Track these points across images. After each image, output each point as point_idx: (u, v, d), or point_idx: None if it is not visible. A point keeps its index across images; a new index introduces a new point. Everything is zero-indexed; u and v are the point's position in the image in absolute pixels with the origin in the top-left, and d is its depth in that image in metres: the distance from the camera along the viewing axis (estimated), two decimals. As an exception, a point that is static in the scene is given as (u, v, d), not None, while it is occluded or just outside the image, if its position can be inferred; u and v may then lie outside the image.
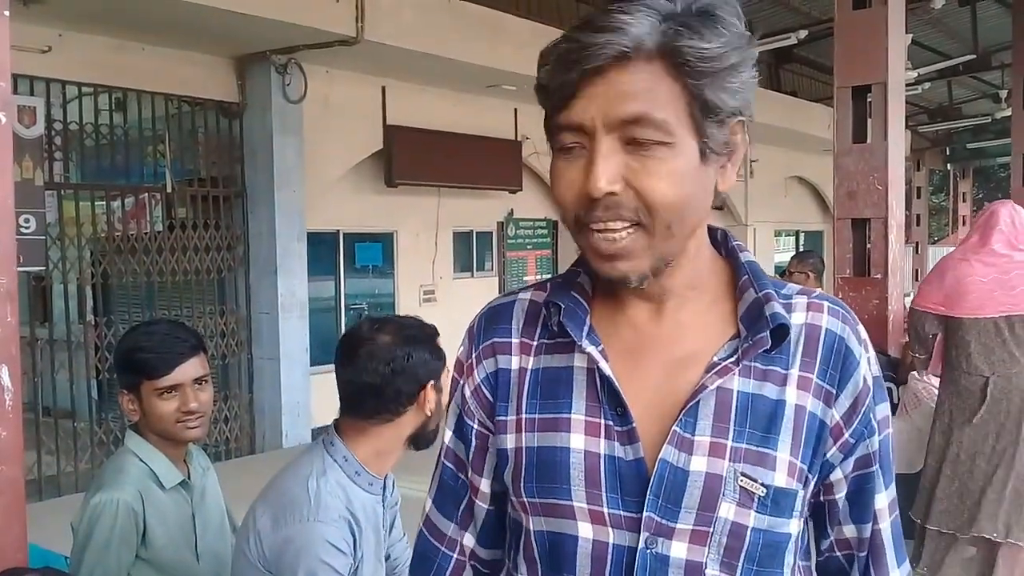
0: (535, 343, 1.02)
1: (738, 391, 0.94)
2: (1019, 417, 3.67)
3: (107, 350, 6.59)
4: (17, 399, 1.39)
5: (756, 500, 0.92)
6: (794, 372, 0.95)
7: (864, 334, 1.00)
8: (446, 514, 1.12)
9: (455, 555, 1.11)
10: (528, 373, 1.01)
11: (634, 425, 0.94)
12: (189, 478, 2.06)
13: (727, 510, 0.92)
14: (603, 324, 0.99)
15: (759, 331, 0.93)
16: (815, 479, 0.97)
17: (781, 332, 0.94)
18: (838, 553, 1.04)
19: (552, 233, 10.96)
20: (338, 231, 8.61)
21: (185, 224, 7.10)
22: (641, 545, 0.93)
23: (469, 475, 1.09)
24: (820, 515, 1.03)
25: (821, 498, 1.01)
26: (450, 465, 1.11)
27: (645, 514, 0.92)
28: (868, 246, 4.62)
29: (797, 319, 0.97)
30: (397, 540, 1.99)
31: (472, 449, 1.08)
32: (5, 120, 1.38)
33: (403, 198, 8.77)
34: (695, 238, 0.95)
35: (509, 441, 1.01)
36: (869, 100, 4.61)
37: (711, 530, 0.92)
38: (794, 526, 0.95)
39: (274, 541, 1.65)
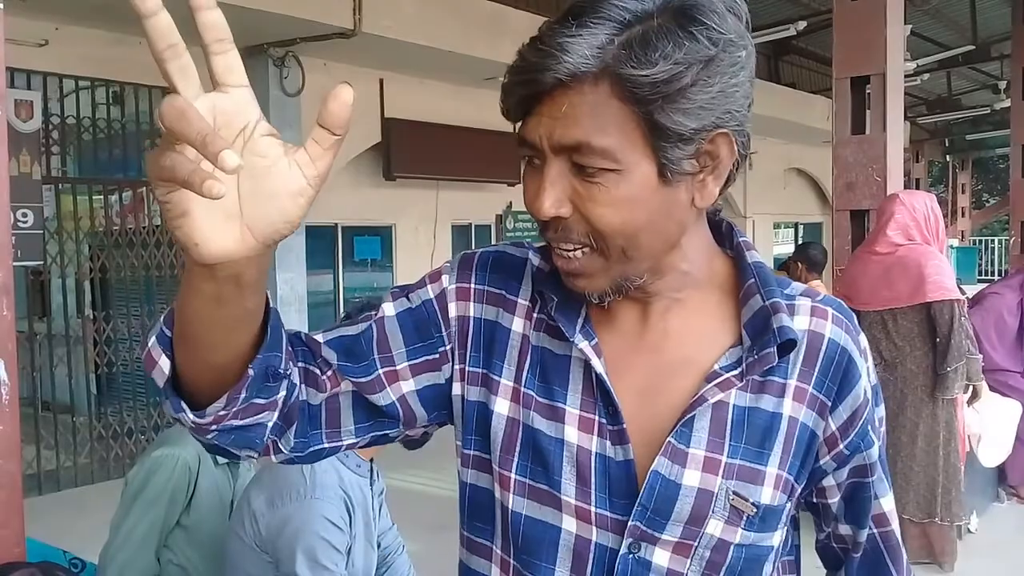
0: (536, 316, 0.96)
1: (735, 404, 0.90)
2: (901, 402, 4.03)
3: (106, 344, 6.59)
4: (14, 393, 1.38)
5: (745, 518, 0.90)
6: (792, 383, 0.92)
7: (864, 343, 0.97)
8: (345, 366, 0.94)
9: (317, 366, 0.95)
10: (530, 345, 0.96)
11: (624, 426, 0.91)
12: (238, 463, 2.14)
13: (715, 527, 0.90)
14: (597, 317, 0.95)
15: (765, 346, 0.88)
16: (801, 487, 0.96)
17: (788, 347, 0.89)
18: (835, 545, 1.05)
19: (551, 226, 10.94)
20: (336, 224, 8.60)
21: (184, 218, 7.06)
22: (624, 550, 0.91)
23: (397, 367, 0.96)
24: (816, 512, 1.04)
25: (815, 500, 1.01)
26: (376, 339, 0.96)
27: (631, 522, 0.90)
28: (866, 237, 4.63)
29: (800, 324, 0.92)
30: (387, 528, 2.01)
31: (423, 358, 0.97)
32: (1, 113, 1.37)
33: (401, 191, 8.75)
34: (676, 250, 0.89)
35: (501, 406, 0.96)
36: (868, 91, 4.62)
37: (695, 544, 0.90)
38: (777, 538, 0.94)
39: (271, 520, 1.66)
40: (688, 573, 0.91)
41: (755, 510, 0.90)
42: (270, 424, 0.87)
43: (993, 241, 22.45)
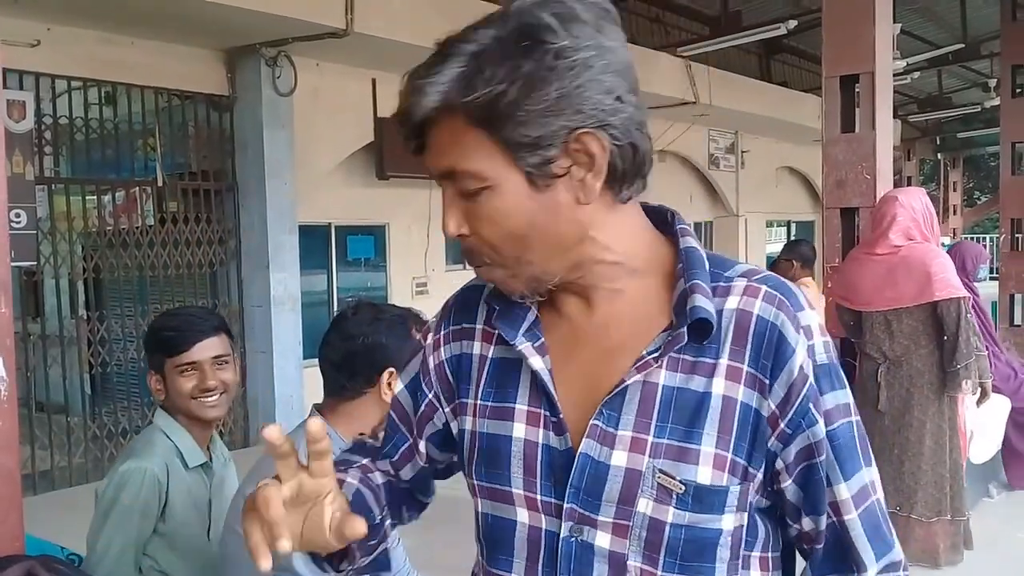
0: (496, 332, 1.04)
1: (664, 385, 0.94)
2: (907, 401, 4.05)
3: (100, 345, 6.60)
4: (13, 390, 1.40)
5: (674, 497, 0.92)
6: (723, 362, 0.93)
7: (808, 320, 0.94)
8: (387, 453, 1.17)
9: (379, 472, 1.17)
10: (488, 361, 1.05)
11: (561, 416, 0.97)
12: (211, 463, 2.13)
13: (645, 505, 0.92)
14: (546, 317, 1.02)
15: (680, 326, 0.93)
16: (760, 471, 0.94)
17: (703, 326, 0.92)
18: (803, 544, 1.01)
19: (544, 225, 10.95)
20: (330, 224, 8.61)
21: (177, 218, 7.08)
22: (565, 533, 0.96)
23: (413, 435, 1.15)
24: (780, 506, 0.99)
25: (772, 487, 0.97)
26: (394, 417, 1.17)
27: (567, 505, 0.95)
28: (857, 235, 4.66)
29: (730, 304, 0.95)
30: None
31: (419, 414, 1.14)
32: (-3, 113, 1.39)
33: (395, 190, 8.76)
34: (588, 244, 0.94)
35: (467, 423, 1.06)
36: (857, 90, 4.64)
37: (631, 524, 0.93)
38: (728, 523, 0.93)
39: None
40: (629, 554, 0.94)
41: (683, 488, 0.91)
42: (389, 539, 1.14)
43: (985, 238, 22.56)
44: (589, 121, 0.88)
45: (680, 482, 0.91)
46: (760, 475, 0.95)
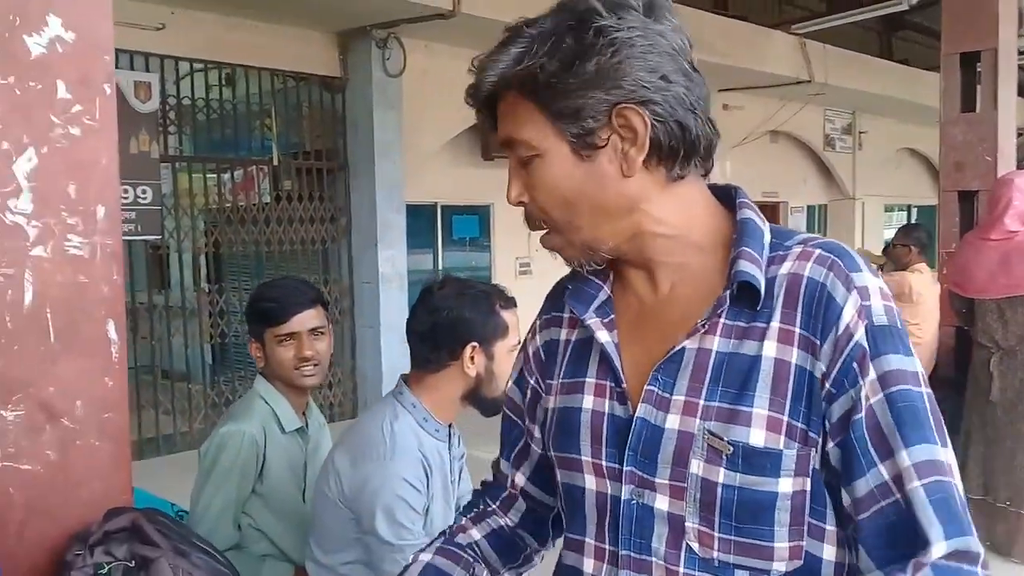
0: (578, 317, 1.10)
1: (716, 350, 0.97)
2: (1020, 391, 3.89)
3: (219, 316, 6.91)
4: (123, 352, 1.50)
5: (724, 457, 0.93)
6: (775, 325, 0.95)
7: (864, 280, 0.93)
8: (504, 454, 1.25)
9: (507, 488, 1.25)
10: (570, 344, 1.12)
11: (624, 386, 1.02)
12: (307, 428, 2.21)
13: (697, 467, 0.95)
14: (618, 296, 1.08)
15: (724, 291, 0.96)
16: (820, 434, 0.93)
17: (751, 291, 0.95)
18: (849, 525, 0.94)
19: (650, 206, 10.84)
20: (436, 204, 8.75)
21: (291, 196, 7.34)
22: (626, 496, 1.00)
23: (525, 422, 1.22)
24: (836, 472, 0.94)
25: (828, 450, 0.93)
26: (508, 411, 1.24)
27: (626, 468, 1.00)
28: (976, 219, 4.47)
29: (784, 269, 0.96)
30: (467, 492, 2.08)
31: (527, 400, 1.21)
32: (111, 91, 1.48)
33: (499, 171, 8.69)
34: (639, 215, 0.99)
35: (549, 403, 1.13)
36: (979, 68, 4.44)
37: (687, 486, 0.96)
38: (786, 485, 0.93)
39: (353, 479, 1.76)
40: (687, 515, 0.96)
41: (731, 449, 0.93)
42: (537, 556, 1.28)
43: None
44: (631, 96, 0.94)
45: (728, 443, 0.93)
46: (819, 439, 0.94)
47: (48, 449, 1.43)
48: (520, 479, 1.23)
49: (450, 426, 1.91)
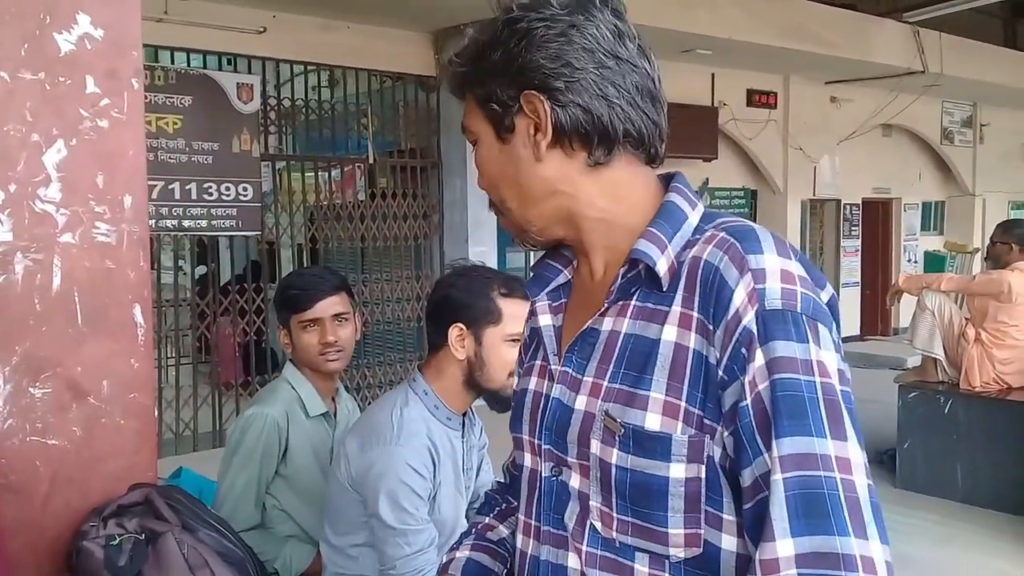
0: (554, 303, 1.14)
1: (625, 332, 0.98)
2: None
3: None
4: (148, 335, 1.57)
5: (617, 439, 0.94)
6: (676, 309, 0.94)
7: (762, 263, 0.89)
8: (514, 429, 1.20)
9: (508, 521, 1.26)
10: (540, 329, 1.13)
11: (553, 366, 1.06)
12: (335, 415, 2.25)
13: (595, 447, 0.97)
14: (575, 281, 1.11)
15: (620, 267, 0.99)
16: (717, 421, 0.90)
17: (643, 271, 0.96)
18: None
19: (750, 203, 10.59)
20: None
21: (386, 193, 7.50)
22: (547, 473, 1.04)
23: None
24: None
25: (724, 439, 0.90)
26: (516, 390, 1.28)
27: (544, 445, 1.04)
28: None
29: (692, 253, 0.96)
30: (486, 483, 2.08)
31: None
32: (138, 86, 1.55)
33: (596, 167, 8.77)
34: (566, 198, 1.02)
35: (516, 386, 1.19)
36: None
37: (589, 464, 0.98)
38: (677, 471, 0.90)
39: (360, 463, 1.79)
40: (591, 494, 0.98)
41: (623, 430, 0.94)
42: None
43: None
44: (532, 84, 0.98)
45: (620, 424, 0.94)
46: (717, 427, 0.91)
47: (74, 426, 1.51)
48: None
49: (465, 415, 1.92)
